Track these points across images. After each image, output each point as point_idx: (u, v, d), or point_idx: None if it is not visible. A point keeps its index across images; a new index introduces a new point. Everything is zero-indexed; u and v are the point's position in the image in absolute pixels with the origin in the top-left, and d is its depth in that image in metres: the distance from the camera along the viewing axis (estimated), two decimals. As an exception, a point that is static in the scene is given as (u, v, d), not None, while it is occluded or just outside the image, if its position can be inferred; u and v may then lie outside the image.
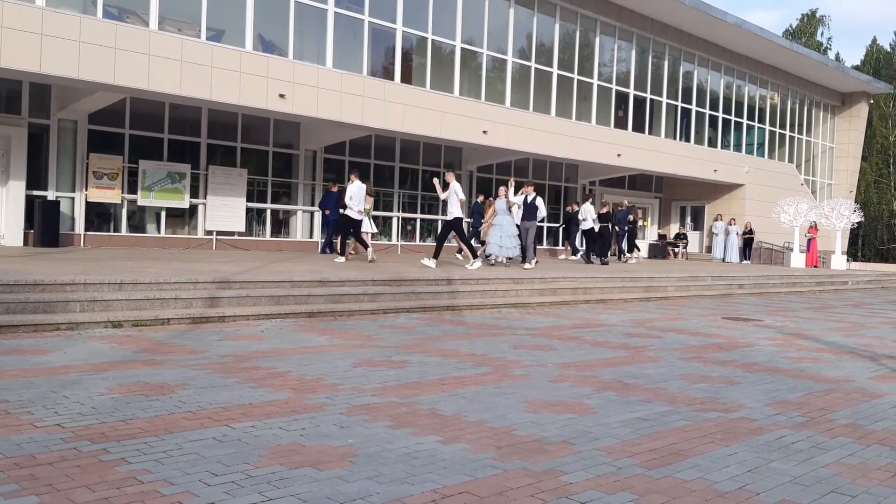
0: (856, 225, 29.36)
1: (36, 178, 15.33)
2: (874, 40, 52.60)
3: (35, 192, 15.23)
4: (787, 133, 32.90)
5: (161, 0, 14.53)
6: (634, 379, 6.30)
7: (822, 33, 51.29)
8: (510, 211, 15.91)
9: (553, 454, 4.05)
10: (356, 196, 14.27)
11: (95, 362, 5.93)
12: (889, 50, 51.40)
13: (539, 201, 15.98)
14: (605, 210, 21.97)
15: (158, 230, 17.22)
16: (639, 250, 24.26)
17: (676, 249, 29.00)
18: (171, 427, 4.21)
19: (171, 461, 3.64)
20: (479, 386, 5.72)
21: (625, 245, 23.02)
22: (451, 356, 7.01)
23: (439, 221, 22.71)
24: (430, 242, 22.49)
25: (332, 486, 3.42)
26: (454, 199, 14.15)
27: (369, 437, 4.21)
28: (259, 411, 4.64)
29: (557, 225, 25.25)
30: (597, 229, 20.05)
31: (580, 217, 20.18)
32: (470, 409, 4.97)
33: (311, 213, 19.61)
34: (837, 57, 50.79)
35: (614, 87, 24.51)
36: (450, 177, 14.30)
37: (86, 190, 15.86)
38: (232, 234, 18.18)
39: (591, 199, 20.83)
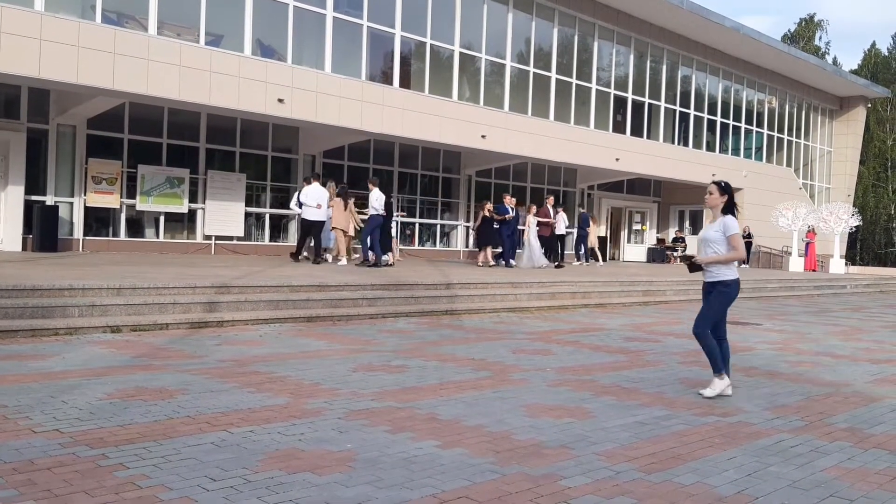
0: (854, 229, 29.42)
1: (34, 183, 15.31)
2: (872, 45, 52.86)
3: (34, 197, 15.21)
4: (785, 137, 32.93)
5: (160, 5, 14.54)
6: (633, 383, 6.30)
7: (820, 38, 51.53)
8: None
9: (552, 459, 4.05)
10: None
11: (94, 367, 5.93)
12: (887, 54, 51.57)
13: None
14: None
15: (157, 235, 17.21)
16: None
17: (675, 253, 29.01)
18: (170, 432, 4.21)
19: (169, 466, 3.64)
20: (478, 390, 5.72)
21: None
22: (450, 361, 7.01)
23: (438, 225, 22.74)
24: (430, 247, 22.50)
25: (331, 490, 3.42)
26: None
27: (368, 441, 4.21)
28: (257, 416, 4.64)
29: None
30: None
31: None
32: (468, 413, 4.97)
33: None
34: (835, 61, 50.93)
35: (612, 91, 24.53)
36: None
37: (84, 195, 15.84)
38: (231, 238, 18.16)
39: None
